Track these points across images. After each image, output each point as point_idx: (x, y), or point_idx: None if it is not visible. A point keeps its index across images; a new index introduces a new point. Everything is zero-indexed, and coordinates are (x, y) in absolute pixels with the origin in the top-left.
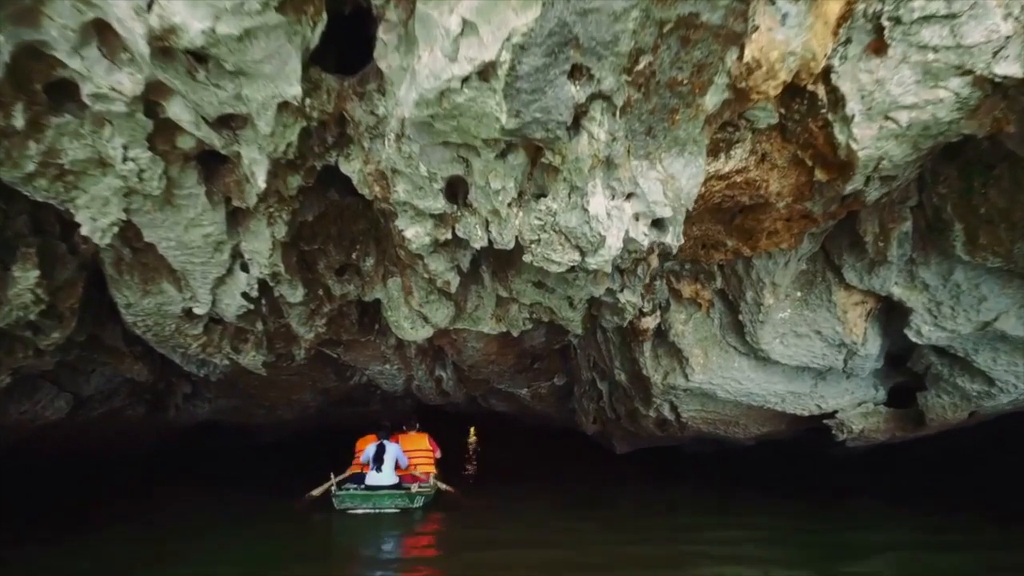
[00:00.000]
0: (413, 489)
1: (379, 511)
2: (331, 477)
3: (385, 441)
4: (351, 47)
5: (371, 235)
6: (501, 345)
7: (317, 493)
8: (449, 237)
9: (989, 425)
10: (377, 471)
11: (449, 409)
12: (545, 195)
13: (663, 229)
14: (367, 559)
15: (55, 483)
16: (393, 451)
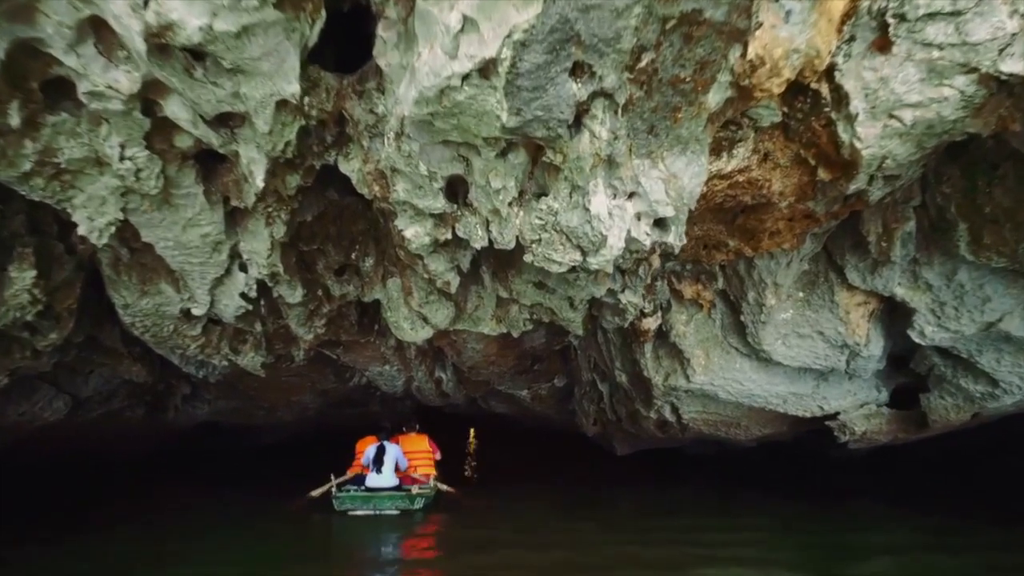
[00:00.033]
0: (413, 491)
1: (379, 513)
2: (331, 478)
3: (385, 442)
4: (350, 45)
5: (371, 235)
6: (501, 346)
7: (317, 494)
8: (449, 237)
9: (991, 427)
10: (377, 473)
11: (449, 410)
12: (546, 194)
13: (665, 229)
14: (367, 560)
15: (54, 484)
16: (393, 452)
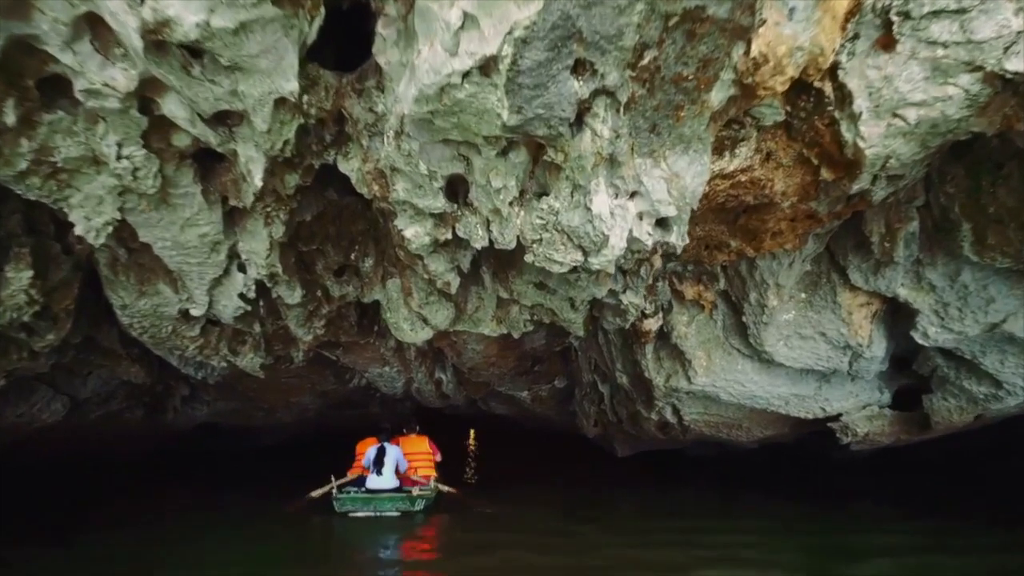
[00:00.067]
0: (414, 492)
1: (380, 514)
2: (331, 480)
3: (386, 444)
4: (350, 43)
5: (370, 235)
6: (501, 347)
7: (316, 495)
8: (449, 237)
9: (994, 428)
10: (377, 474)
11: (449, 412)
12: (547, 194)
13: (667, 229)
14: (367, 562)
15: (53, 485)
16: (393, 454)
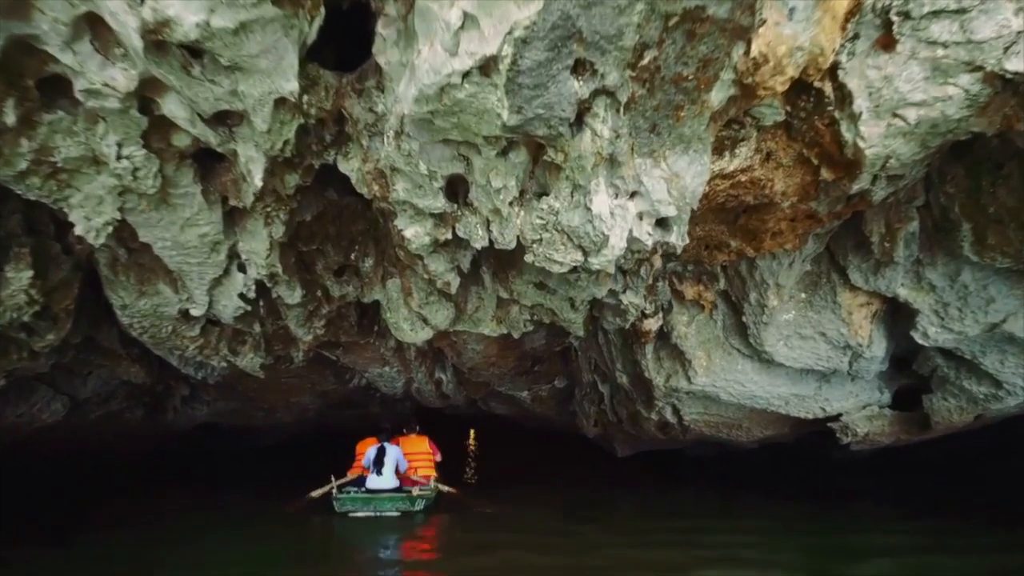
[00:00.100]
0: (414, 492)
1: (380, 514)
2: (331, 480)
3: (386, 443)
4: (350, 43)
5: (370, 235)
6: (501, 347)
7: (316, 495)
8: (449, 237)
9: (994, 428)
10: (377, 474)
11: (449, 412)
12: (547, 194)
13: (667, 229)
14: (367, 562)
15: (53, 485)
16: (394, 454)
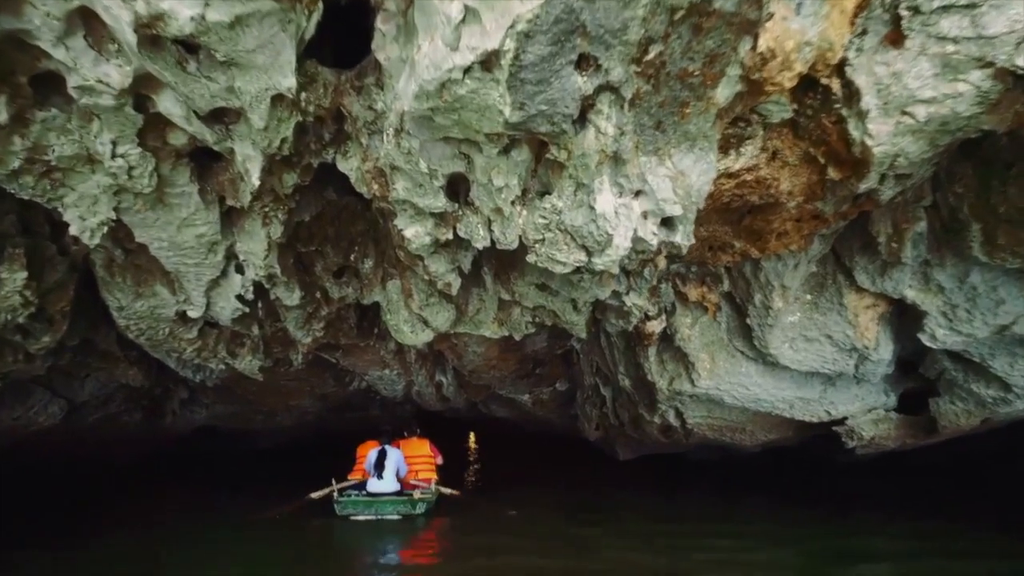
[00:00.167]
0: (415, 495)
1: (381, 517)
2: (332, 483)
3: (387, 446)
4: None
5: (370, 236)
6: (502, 350)
7: (316, 496)
8: (450, 237)
9: (1002, 432)
10: (378, 478)
11: (449, 415)
12: (550, 193)
13: (673, 228)
14: (368, 565)
15: (51, 488)
16: (395, 457)
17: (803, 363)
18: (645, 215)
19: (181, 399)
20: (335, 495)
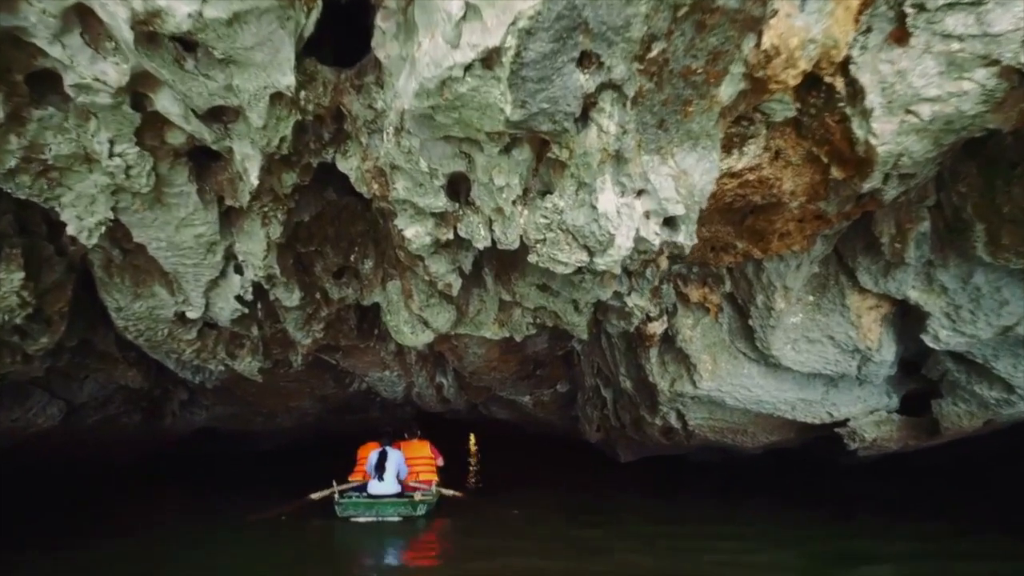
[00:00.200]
0: (416, 497)
1: (382, 519)
2: (333, 485)
3: (388, 448)
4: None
5: (370, 236)
6: (503, 351)
7: (317, 497)
8: (451, 237)
9: (1005, 433)
10: (379, 480)
11: (450, 416)
12: (551, 192)
13: (675, 228)
14: (369, 567)
15: (51, 490)
16: (395, 459)
17: (805, 364)
18: (647, 215)
19: (181, 400)
20: (336, 497)
